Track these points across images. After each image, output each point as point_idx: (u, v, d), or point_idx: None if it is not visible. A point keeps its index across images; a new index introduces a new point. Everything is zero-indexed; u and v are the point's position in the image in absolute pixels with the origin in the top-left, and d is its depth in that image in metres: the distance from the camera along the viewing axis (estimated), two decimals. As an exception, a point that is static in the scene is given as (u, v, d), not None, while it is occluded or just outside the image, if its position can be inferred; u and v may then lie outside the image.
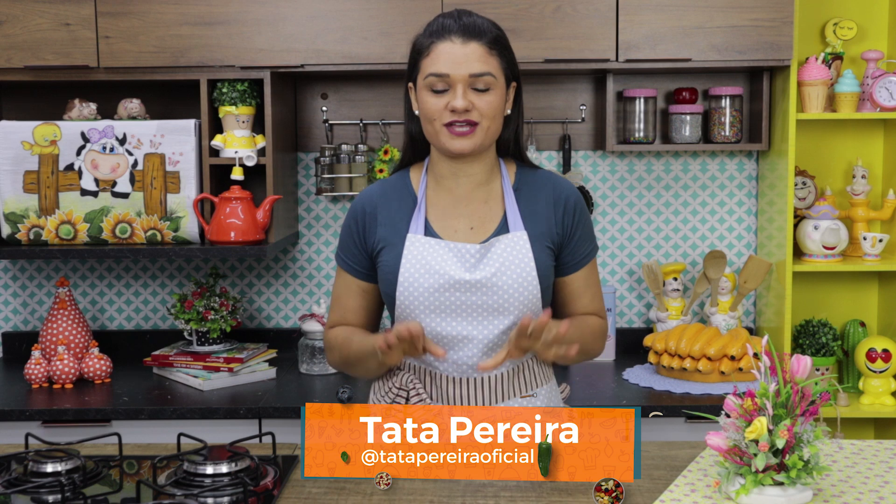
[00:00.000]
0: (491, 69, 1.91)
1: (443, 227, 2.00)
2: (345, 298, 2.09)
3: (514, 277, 1.94)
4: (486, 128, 1.92)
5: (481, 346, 1.97)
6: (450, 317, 1.96)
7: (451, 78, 1.89)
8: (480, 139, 1.93)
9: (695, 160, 3.39)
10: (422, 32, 1.97)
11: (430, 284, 1.94)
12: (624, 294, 3.44)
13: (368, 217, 2.04)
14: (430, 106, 1.91)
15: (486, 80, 1.90)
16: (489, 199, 2.02)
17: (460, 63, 1.88)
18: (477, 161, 1.99)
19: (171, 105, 3.28)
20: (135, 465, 1.89)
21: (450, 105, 1.89)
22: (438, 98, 1.90)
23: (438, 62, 1.90)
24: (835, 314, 3.40)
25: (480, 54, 1.90)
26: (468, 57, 1.89)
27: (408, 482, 1.75)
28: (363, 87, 3.37)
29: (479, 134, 1.92)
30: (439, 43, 1.91)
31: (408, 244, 1.96)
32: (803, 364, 1.59)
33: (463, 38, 1.90)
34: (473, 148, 1.93)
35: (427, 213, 2.01)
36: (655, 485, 1.71)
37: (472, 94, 1.89)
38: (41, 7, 2.99)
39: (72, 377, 3.04)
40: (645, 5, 2.98)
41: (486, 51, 1.91)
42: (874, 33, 3.31)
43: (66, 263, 3.45)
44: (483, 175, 2.01)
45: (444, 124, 1.91)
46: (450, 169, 2.00)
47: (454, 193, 2.01)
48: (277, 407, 2.80)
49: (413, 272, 1.95)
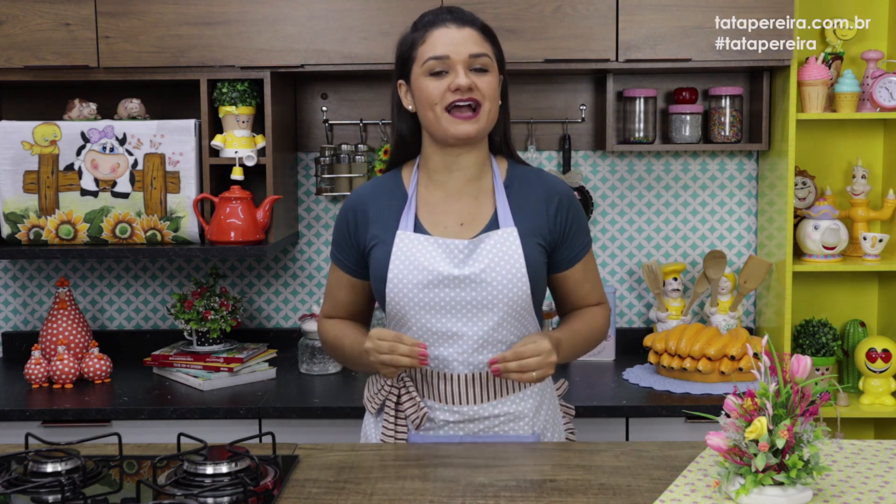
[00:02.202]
0: (487, 51, 1.97)
1: (432, 224, 2.01)
2: (336, 292, 2.15)
3: (504, 273, 1.95)
4: (488, 110, 1.96)
5: (471, 343, 1.98)
6: (439, 313, 1.97)
7: (451, 59, 1.93)
8: (484, 122, 1.96)
9: (695, 160, 3.39)
10: (409, 29, 2.02)
11: (419, 280, 1.96)
12: (624, 294, 3.44)
13: (360, 215, 2.06)
14: (431, 90, 1.94)
15: (483, 60, 1.95)
16: (479, 195, 2.03)
17: (459, 44, 1.94)
18: (470, 153, 2.01)
19: (171, 105, 3.28)
20: (135, 465, 1.89)
21: (453, 84, 1.92)
22: (439, 81, 1.94)
23: (437, 46, 1.94)
24: (835, 314, 3.40)
25: (476, 37, 1.96)
26: (465, 39, 1.95)
27: (408, 482, 1.74)
28: (363, 87, 3.37)
29: (482, 117, 1.96)
30: (435, 29, 1.96)
31: (397, 241, 1.98)
32: (803, 364, 1.59)
33: (457, 23, 1.96)
34: (477, 132, 1.96)
35: (417, 210, 2.03)
36: (655, 485, 1.71)
37: (472, 75, 1.94)
38: (41, 7, 2.99)
39: (72, 377, 3.04)
40: (645, 5, 2.98)
41: (481, 35, 1.98)
42: (874, 33, 3.31)
43: (66, 263, 3.45)
44: (475, 169, 2.03)
45: (446, 108, 1.94)
46: (443, 162, 2.01)
47: (446, 188, 2.03)
48: (277, 407, 2.80)
49: (402, 268, 1.97)
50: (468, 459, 1.85)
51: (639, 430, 2.83)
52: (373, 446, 1.99)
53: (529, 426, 2.06)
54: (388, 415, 2.06)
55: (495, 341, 1.99)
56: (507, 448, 1.94)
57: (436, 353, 2.00)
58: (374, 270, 2.02)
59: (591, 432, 2.77)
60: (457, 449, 1.94)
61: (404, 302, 1.98)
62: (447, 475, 1.78)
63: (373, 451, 1.94)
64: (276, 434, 1.92)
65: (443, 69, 1.93)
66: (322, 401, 2.85)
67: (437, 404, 2.03)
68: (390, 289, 1.98)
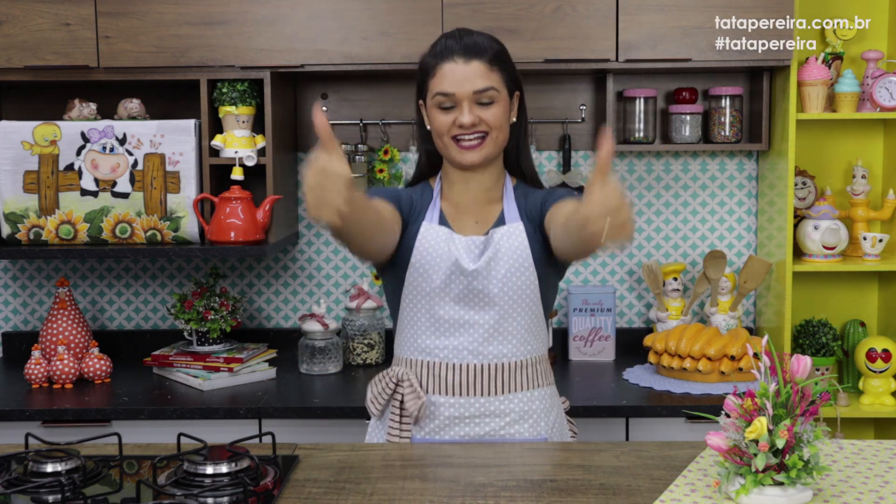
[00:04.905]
0: (493, 84, 2.02)
1: (453, 220, 2.11)
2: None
3: (512, 263, 2.03)
4: (495, 138, 2.04)
5: (481, 332, 2.04)
6: (453, 301, 2.04)
7: (456, 96, 2.01)
8: (489, 149, 2.04)
9: (695, 160, 3.39)
10: (427, 52, 2.08)
11: (439, 269, 2.03)
12: (624, 294, 3.44)
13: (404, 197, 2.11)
14: (440, 123, 2.04)
15: (489, 94, 2.02)
16: (492, 201, 2.13)
17: (463, 82, 2.00)
18: (486, 171, 2.10)
19: (171, 105, 3.28)
20: (135, 465, 1.89)
21: (457, 121, 2.01)
22: (446, 115, 2.03)
23: (444, 82, 2.01)
24: (835, 314, 3.40)
25: (482, 71, 2.01)
26: (471, 75, 2.00)
27: (408, 482, 1.74)
28: (363, 87, 3.37)
29: (488, 144, 2.04)
30: (443, 64, 2.02)
31: (422, 230, 2.06)
32: (803, 364, 1.59)
33: (465, 57, 2.01)
34: (482, 159, 2.04)
35: (441, 207, 2.12)
36: (655, 485, 1.71)
37: (477, 109, 2.01)
38: (41, 7, 2.99)
39: (72, 377, 3.04)
40: (645, 5, 2.98)
41: (488, 68, 2.02)
42: (874, 33, 3.31)
43: (66, 263, 3.45)
44: (490, 181, 2.12)
45: (453, 138, 2.03)
46: (460, 177, 2.11)
47: (464, 196, 2.12)
48: (277, 407, 2.80)
49: (425, 255, 2.04)
50: (468, 459, 1.86)
51: (639, 430, 2.83)
52: (373, 446, 1.99)
53: (536, 429, 2.06)
54: (394, 415, 2.08)
55: (505, 332, 2.05)
56: (506, 448, 1.94)
57: (447, 343, 2.06)
58: (397, 255, 2.07)
59: (591, 432, 2.77)
60: (457, 449, 1.94)
61: (420, 288, 2.05)
62: (447, 475, 1.78)
63: (373, 451, 1.95)
64: (276, 434, 1.92)
65: (450, 104, 2.02)
66: (322, 401, 2.85)
67: (444, 398, 2.05)
68: (410, 272, 2.05)
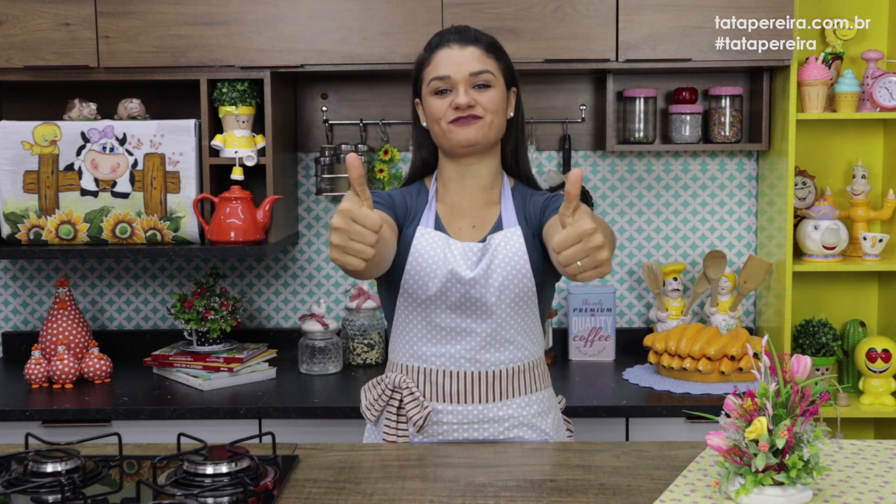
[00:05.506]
0: (489, 67, 2.01)
1: (449, 223, 2.07)
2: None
3: (510, 270, 1.99)
4: (490, 121, 2.01)
5: (478, 340, 2.02)
6: (450, 309, 2.01)
7: (452, 79, 1.99)
8: (485, 130, 2.00)
9: (695, 160, 3.39)
10: (422, 50, 2.08)
11: (435, 277, 1.99)
12: (624, 294, 3.44)
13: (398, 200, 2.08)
14: (436, 107, 2.01)
15: (485, 76, 2.00)
16: (489, 203, 2.09)
17: (460, 64, 1.99)
18: (481, 162, 2.06)
19: (171, 105, 3.28)
20: (135, 465, 1.89)
21: (453, 103, 1.98)
22: (442, 99, 2.01)
23: (439, 67, 2.01)
24: (835, 314, 3.40)
25: (479, 56, 2.01)
26: (467, 58, 2.00)
27: (408, 482, 1.74)
28: (363, 87, 3.37)
29: (483, 125, 1.99)
30: (439, 51, 2.03)
31: (417, 235, 2.03)
32: (803, 364, 1.59)
33: (461, 43, 2.02)
34: (478, 138, 2.00)
35: (437, 210, 2.09)
36: (655, 485, 1.71)
37: (473, 92, 1.99)
38: (41, 7, 2.99)
39: (72, 377, 3.04)
40: (645, 5, 2.98)
41: (484, 53, 2.02)
42: (874, 33, 3.31)
43: (66, 263, 3.45)
44: (487, 179, 2.08)
45: (449, 122, 2.00)
46: (457, 172, 2.07)
47: (460, 197, 2.09)
48: (277, 407, 2.80)
49: (420, 262, 2.00)
50: (468, 459, 1.86)
51: (639, 430, 2.83)
52: (373, 446, 1.99)
53: (535, 432, 2.06)
54: (390, 418, 2.07)
55: (502, 339, 2.03)
56: (506, 448, 1.94)
57: (444, 351, 2.03)
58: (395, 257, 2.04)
59: (591, 432, 2.77)
60: (457, 449, 1.94)
61: (416, 295, 2.01)
62: (447, 475, 1.78)
63: (373, 451, 1.94)
64: (276, 434, 1.92)
65: (446, 88, 2.00)
66: (322, 401, 2.85)
67: (442, 405, 2.04)
68: (405, 278, 2.01)
